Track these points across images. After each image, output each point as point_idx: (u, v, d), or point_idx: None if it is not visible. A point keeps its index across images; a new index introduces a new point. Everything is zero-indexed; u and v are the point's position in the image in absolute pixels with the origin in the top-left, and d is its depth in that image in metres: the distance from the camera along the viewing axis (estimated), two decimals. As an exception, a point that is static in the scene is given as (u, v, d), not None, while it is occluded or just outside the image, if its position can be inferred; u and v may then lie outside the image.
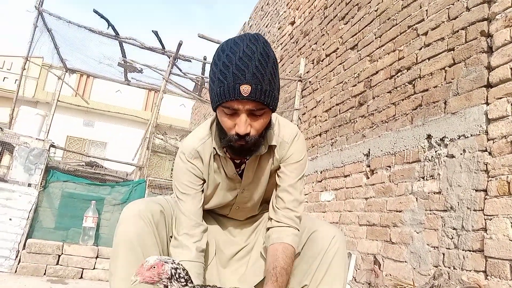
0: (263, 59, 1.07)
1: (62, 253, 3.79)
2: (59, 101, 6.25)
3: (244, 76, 1.04)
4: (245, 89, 1.04)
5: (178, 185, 1.28)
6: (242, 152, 1.17)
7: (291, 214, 1.26)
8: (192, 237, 1.22)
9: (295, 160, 1.28)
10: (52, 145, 4.15)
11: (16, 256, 3.69)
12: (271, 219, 1.29)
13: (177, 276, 0.88)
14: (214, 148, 1.26)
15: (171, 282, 0.87)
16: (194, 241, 1.21)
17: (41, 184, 3.96)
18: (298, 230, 1.26)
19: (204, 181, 1.30)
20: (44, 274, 3.69)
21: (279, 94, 1.17)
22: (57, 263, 3.76)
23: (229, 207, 1.39)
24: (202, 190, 1.31)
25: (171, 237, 1.28)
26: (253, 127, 1.11)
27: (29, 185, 3.89)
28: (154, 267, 0.87)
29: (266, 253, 1.25)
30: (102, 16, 4.74)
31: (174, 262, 0.90)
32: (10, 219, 3.74)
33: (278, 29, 6.10)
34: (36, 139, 4.05)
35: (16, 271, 3.64)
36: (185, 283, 0.89)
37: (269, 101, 1.09)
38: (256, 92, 1.05)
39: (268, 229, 1.29)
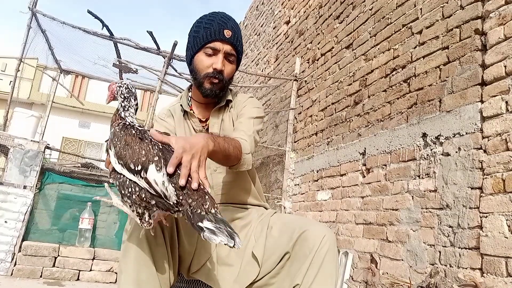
0: (236, 23, 1.42)
1: (58, 255, 3.77)
2: (54, 102, 6.22)
3: (227, 24, 1.36)
4: (228, 33, 1.35)
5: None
6: (212, 92, 1.36)
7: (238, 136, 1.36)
8: None
9: (249, 106, 1.45)
10: (48, 147, 4.13)
11: (12, 259, 3.67)
12: None
13: (120, 92, 1.17)
14: (181, 105, 1.46)
15: (119, 96, 1.18)
16: None
17: (36, 186, 3.94)
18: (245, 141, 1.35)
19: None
20: (41, 276, 3.67)
21: (242, 56, 1.46)
22: (54, 265, 3.74)
23: (208, 169, 1.41)
24: None
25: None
26: (225, 69, 1.37)
27: (25, 187, 3.86)
28: (110, 86, 1.19)
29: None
30: (96, 17, 4.70)
31: (121, 83, 1.18)
32: (5, 222, 3.72)
33: (273, 28, 6.10)
34: (31, 140, 4.02)
35: (12, 274, 3.62)
36: (123, 99, 1.18)
37: (240, 50, 1.40)
38: (234, 37, 1.36)
39: None
